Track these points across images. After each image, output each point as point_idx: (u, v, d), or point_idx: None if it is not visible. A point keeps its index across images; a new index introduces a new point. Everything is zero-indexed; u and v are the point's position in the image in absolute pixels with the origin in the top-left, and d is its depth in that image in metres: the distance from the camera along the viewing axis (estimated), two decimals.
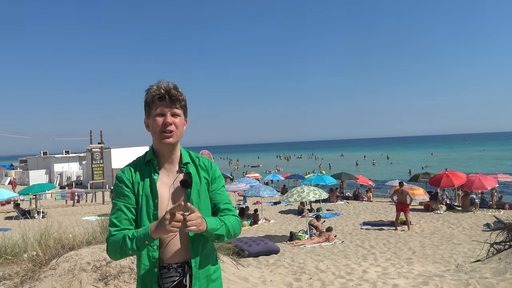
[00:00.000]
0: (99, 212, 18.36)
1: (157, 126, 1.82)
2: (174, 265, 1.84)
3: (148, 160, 1.90)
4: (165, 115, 1.81)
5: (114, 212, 1.82)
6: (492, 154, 69.26)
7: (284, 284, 6.05)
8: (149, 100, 1.83)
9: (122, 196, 1.84)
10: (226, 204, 1.96)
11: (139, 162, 1.93)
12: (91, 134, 33.51)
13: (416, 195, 16.50)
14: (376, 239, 11.99)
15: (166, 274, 1.83)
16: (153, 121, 1.83)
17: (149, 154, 1.92)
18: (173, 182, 1.89)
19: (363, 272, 7.01)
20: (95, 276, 3.96)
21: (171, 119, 1.82)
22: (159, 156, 1.91)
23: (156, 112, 1.81)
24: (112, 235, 1.78)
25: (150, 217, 1.82)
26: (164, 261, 1.84)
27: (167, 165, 1.91)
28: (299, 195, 13.05)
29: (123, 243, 1.72)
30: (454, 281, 5.04)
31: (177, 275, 1.84)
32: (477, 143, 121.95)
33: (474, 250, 9.57)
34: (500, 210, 16.44)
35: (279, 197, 22.11)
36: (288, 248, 11.14)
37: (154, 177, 1.86)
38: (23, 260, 4.99)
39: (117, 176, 1.89)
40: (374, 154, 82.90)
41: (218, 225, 1.80)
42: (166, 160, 1.90)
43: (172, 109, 1.82)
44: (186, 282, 1.84)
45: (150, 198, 1.83)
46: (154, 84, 1.84)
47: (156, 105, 1.81)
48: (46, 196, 24.43)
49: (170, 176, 1.90)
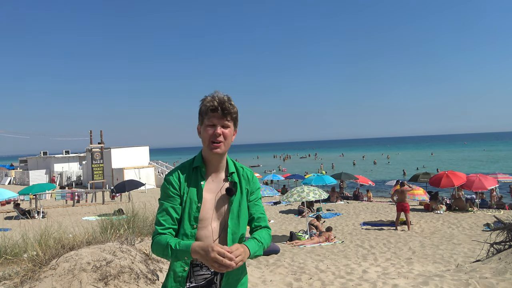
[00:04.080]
0: (99, 212, 18.36)
1: (208, 136, 1.92)
2: None
3: (196, 166, 1.99)
4: (215, 126, 1.91)
5: (160, 211, 1.93)
6: (493, 154, 69.26)
7: (284, 284, 6.05)
8: (203, 110, 1.93)
9: (169, 197, 1.94)
10: (260, 215, 2.07)
11: (186, 166, 2.01)
12: (91, 134, 33.52)
13: (416, 195, 16.51)
14: (376, 239, 11.99)
15: (198, 271, 1.94)
16: (205, 131, 1.93)
17: (197, 160, 2.01)
18: (220, 189, 1.99)
19: (363, 272, 7.01)
20: (95, 276, 3.95)
21: (221, 130, 1.91)
22: (207, 163, 2.00)
23: (208, 123, 1.92)
24: (159, 234, 1.89)
25: (191, 219, 1.92)
26: (198, 260, 1.91)
27: (213, 173, 2.01)
28: (299, 195, 13.05)
29: (165, 249, 1.83)
30: (454, 281, 5.04)
31: (209, 273, 1.94)
32: (477, 143, 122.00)
33: (474, 250, 9.57)
34: (500, 210, 16.45)
35: (279, 197, 22.11)
36: (288, 248, 11.14)
37: (201, 183, 1.96)
38: (23, 260, 5.00)
39: (166, 178, 1.98)
40: (374, 154, 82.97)
41: (257, 247, 1.90)
42: (213, 168, 2.00)
43: (223, 121, 1.92)
44: (216, 280, 1.94)
45: (194, 202, 1.93)
46: (209, 95, 1.94)
47: (208, 115, 1.91)
48: (46, 196, 24.44)
49: (216, 183, 2.00)
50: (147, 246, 5.26)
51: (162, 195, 1.97)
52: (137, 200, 16.85)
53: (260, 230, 2.01)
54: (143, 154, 38.16)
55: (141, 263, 4.54)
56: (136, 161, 36.74)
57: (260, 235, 1.97)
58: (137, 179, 28.92)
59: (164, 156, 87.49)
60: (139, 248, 5.12)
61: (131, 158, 36.52)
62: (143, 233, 6.65)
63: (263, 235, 1.98)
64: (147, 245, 5.36)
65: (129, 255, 4.52)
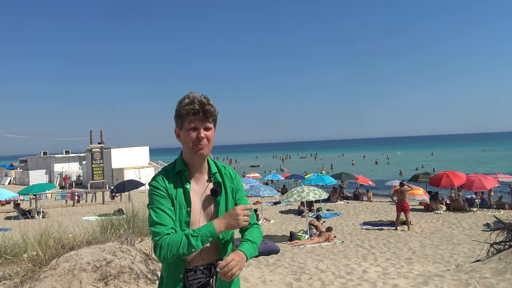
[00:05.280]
0: (99, 212, 18.36)
1: (190, 139, 1.89)
2: (201, 267, 1.93)
3: (179, 170, 1.96)
4: (198, 130, 1.89)
5: (158, 215, 1.84)
6: (493, 154, 69.25)
7: (284, 284, 6.05)
8: (182, 113, 1.89)
9: (163, 198, 1.88)
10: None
11: (169, 171, 1.98)
12: (91, 134, 33.52)
13: (416, 195, 16.51)
14: (376, 239, 12.00)
15: (193, 276, 1.92)
16: (187, 135, 1.90)
17: (179, 164, 1.97)
18: (204, 191, 1.97)
19: (363, 272, 7.01)
20: (95, 276, 3.95)
21: (204, 133, 1.89)
22: (190, 166, 1.98)
23: (189, 126, 1.89)
24: (166, 234, 1.80)
25: (182, 224, 1.89)
26: (191, 264, 1.92)
27: (196, 175, 1.99)
28: (299, 195, 13.05)
29: (183, 242, 1.77)
30: (454, 281, 5.04)
31: (203, 276, 1.92)
32: (477, 143, 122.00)
33: (474, 250, 9.57)
34: (500, 210, 16.46)
35: (279, 197, 22.12)
36: (288, 248, 11.14)
37: (186, 186, 1.94)
38: (23, 260, 4.99)
39: (152, 184, 1.93)
40: (374, 154, 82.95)
41: (252, 249, 1.92)
42: (196, 170, 1.99)
43: (205, 123, 1.90)
44: (212, 282, 1.92)
45: (183, 207, 1.90)
46: (186, 96, 1.91)
47: (190, 119, 1.88)
48: (46, 196, 24.45)
49: (200, 185, 1.98)
50: (147, 246, 5.26)
51: (153, 199, 1.88)
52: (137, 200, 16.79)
53: (251, 229, 2.02)
54: (143, 154, 38.17)
55: (141, 263, 4.54)
56: (136, 161, 36.73)
57: (252, 235, 1.98)
58: (137, 179, 28.91)
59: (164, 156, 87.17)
60: (139, 248, 5.12)
61: (131, 158, 36.51)
62: (143, 233, 6.65)
63: (254, 235, 1.99)
64: (147, 245, 5.36)
65: (129, 255, 4.52)
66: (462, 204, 16.78)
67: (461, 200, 17.33)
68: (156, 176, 1.96)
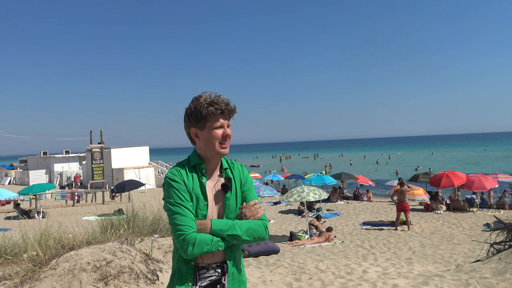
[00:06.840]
0: (99, 212, 18.36)
1: (217, 138, 1.96)
2: (213, 265, 1.96)
3: (194, 164, 2.00)
4: (224, 128, 1.97)
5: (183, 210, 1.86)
6: (493, 154, 69.25)
7: (284, 284, 6.05)
8: (206, 113, 1.93)
9: (183, 192, 1.90)
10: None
11: (184, 165, 2.01)
12: (91, 134, 33.52)
13: (416, 195, 16.51)
14: (376, 239, 12.00)
15: (204, 274, 1.94)
16: (212, 133, 1.95)
17: (195, 159, 2.01)
18: (214, 185, 2.02)
19: (363, 272, 7.01)
20: (95, 276, 3.96)
21: (229, 131, 2.00)
22: (205, 162, 2.03)
23: (215, 125, 1.95)
24: (194, 232, 1.85)
25: (199, 217, 1.92)
26: (203, 262, 1.94)
27: (210, 170, 2.04)
28: (299, 195, 13.05)
29: (214, 240, 1.87)
30: (454, 281, 5.04)
31: (215, 274, 1.95)
32: (477, 143, 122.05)
33: (474, 250, 9.57)
34: (500, 210, 16.46)
35: (279, 197, 22.12)
36: (288, 248, 11.15)
37: (202, 180, 1.98)
38: (23, 260, 4.99)
39: (169, 177, 1.94)
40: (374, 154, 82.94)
41: (228, 227, 1.91)
42: (210, 166, 2.04)
43: (228, 121, 2.01)
44: (224, 280, 1.95)
45: (201, 200, 1.94)
46: (203, 96, 1.97)
47: (215, 118, 1.95)
48: (46, 196, 24.44)
49: (211, 179, 2.03)
50: (147, 246, 5.26)
51: (173, 193, 1.89)
52: (137, 200, 16.83)
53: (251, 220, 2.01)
54: (143, 154, 38.14)
55: (141, 263, 4.54)
56: (136, 161, 36.72)
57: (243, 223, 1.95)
58: (137, 179, 28.92)
59: (164, 156, 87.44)
60: (139, 248, 5.12)
61: (131, 158, 36.49)
62: (143, 233, 6.65)
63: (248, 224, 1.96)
64: (147, 245, 5.36)
65: (129, 255, 4.52)
66: (462, 204, 16.79)
67: (461, 200, 17.34)
68: (172, 169, 1.99)
